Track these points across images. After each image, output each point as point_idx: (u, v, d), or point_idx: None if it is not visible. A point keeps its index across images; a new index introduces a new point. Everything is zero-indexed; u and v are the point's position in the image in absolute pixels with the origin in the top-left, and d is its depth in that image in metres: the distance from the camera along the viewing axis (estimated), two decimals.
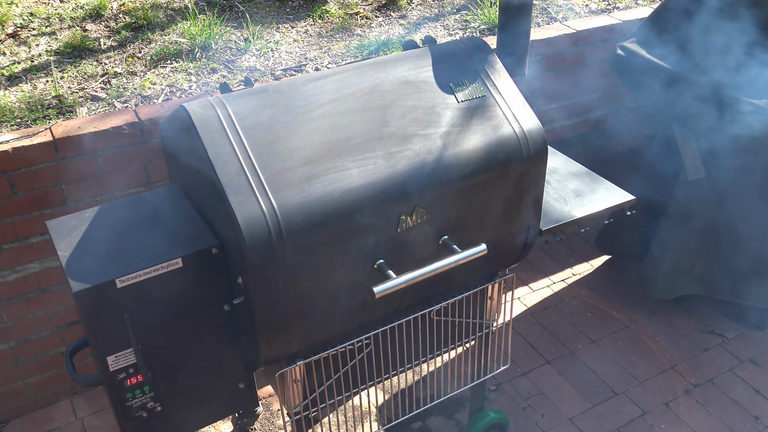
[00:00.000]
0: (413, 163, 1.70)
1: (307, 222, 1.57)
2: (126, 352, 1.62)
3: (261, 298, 1.59)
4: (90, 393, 2.81)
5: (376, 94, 1.77)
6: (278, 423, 2.69)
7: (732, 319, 3.15)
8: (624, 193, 2.16)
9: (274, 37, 3.33)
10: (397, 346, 2.00)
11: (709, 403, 2.78)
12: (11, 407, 2.70)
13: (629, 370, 2.92)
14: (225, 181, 1.54)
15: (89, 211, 1.74)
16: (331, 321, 1.76)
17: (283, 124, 1.66)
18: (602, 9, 3.65)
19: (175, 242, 1.62)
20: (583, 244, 3.61)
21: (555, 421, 2.70)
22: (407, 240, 1.73)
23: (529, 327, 3.13)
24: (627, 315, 3.19)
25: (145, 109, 2.52)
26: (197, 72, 3.00)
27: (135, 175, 2.52)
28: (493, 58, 1.91)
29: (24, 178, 2.34)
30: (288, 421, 1.95)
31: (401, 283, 1.66)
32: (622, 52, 2.87)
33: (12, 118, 2.61)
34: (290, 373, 1.83)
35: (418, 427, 2.67)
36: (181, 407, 1.76)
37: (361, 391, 2.03)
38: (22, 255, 2.46)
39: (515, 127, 1.83)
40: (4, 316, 2.52)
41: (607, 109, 3.63)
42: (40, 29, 3.29)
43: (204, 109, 1.64)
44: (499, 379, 2.88)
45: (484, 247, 1.76)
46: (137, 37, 3.25)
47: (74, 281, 1.51)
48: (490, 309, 2.16)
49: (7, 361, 2.61)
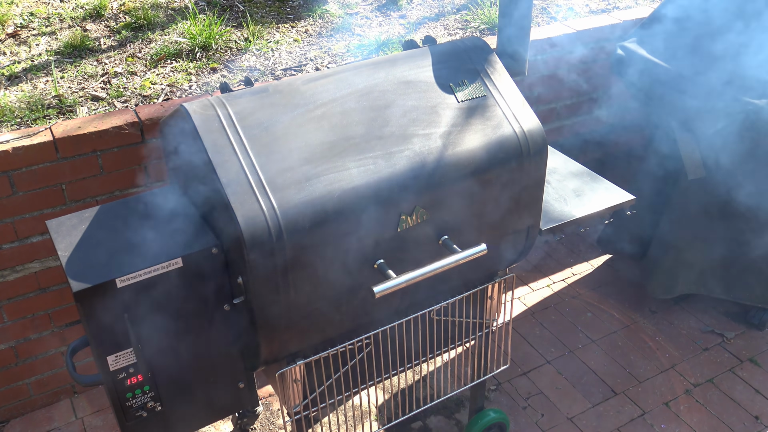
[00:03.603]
0: (413, 163, 1.70)
1: (307, 222, 1.57)
2: (126, 352, 1.61)
3: (261, 298, 1.59)
4: (90, 393, 2.81)
5: (376, 94, 1.77)
6: (278, 423, 2.69)
7: (732, 319, 3.15)
8: (624, 192, 2.16)
9: (274, 36, 3.33)
10: (397, 346, 2.00)
11: (709, 403, 2.78)
12: (11, 407, 2.70)
13: (629, 370, 2.92)
14: (225, 181, 1.54)
15: (89, 211, 1.74)
16: (331, 321, 1.76)
17: (283, 124, 1.66)
18: (602, 9, 3.65)
19: (175, 242, 1.62)
20: (583, 244, 3.61)
21: (555, 421, 2.70)
22: (407, 240, 1.73)
23: (529, 327, 3.13)
24: (627, 315, 3.19)
25: (145, 109, 2.52)
26: (197, 72, 3.00)
27: (135, 175, 2.52)
28: (493, 58, 1.91)
29: (24, 178, 2.34)
30: (288, 420, 1.95)
31: (401, 283, 1.66)
32: (622, 52, 2.87)
33: (12, 117, 2.61)
34: (290, 373, 1.83)
35: (418, 427, 2.67)
36: (181, 407, 1.76)
37: (361, 391, 2.03)
38: (22, 255, 2.46)
39: (515, 126, 1.83)
40: (4, 316, 2.52)
41: (607, 109, 3.63)
42: (40, 29, 3.29)
43: (204, 109, 1.64)
44: (499, 379, 2.88)
45: (484, 247, 1.76)
46: (137, 36, 3.25)
47: (74, 281, 1.51)
48: (490, 309, 2.16)
49: (7, 361, 2.61)
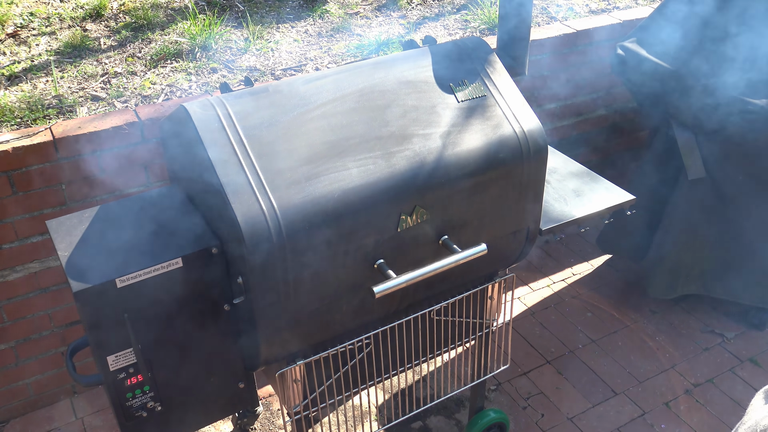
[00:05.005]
0: (413, 163, 1.69)
1: (307, 222, 1.57)
2: (126, 352, 1.61)
3: (261, 298, 1.59)
4: (90, 393, 2.81)
5: (376, 94, 1.77)
6: (278, 423, 2.69)
7: (732, 319, 3.15)
8: (624, 192, 2.16)
9: (274, 36, 3.33)
10: (397, 346, 2.00)
11: (709, 403, 2.78)
12: (11, 407, 2.70)
13: (629, 370, 2.92)
14: (225, 181, 1.54)
15: (89, 211, 1.74)
16: (331, 321, 1.76)
17: (283, 124, 1.66)
18: (602, 9, 3.65)
19: (175, 242, 1.62)
20: (583, 244, 3.61)
21: (555, 421, 2.70)
22: (407, 240, 1.73)
23: (529, 327, 3.13)
24: (627, 315, 3.19)
25: (145, 109, 2.52)
26: (197, 72, 3.00)
27: (135, 175, 2.52)
28: (493, 58, 1.91)
29: (24, 178, 2.34)
30: (288, 420, 1.95)
31: (401, 283, 1.66)
32: (622, 52, 2.87)
33: (12, 117, 2.61)
34: (290, 373, 1.83)
35: (418, 427, 2.67)
36: (181, 407, 1.76)
37: (361, 391, 2.03)
38: (22, 255, 2.46)
39: (515, 126, 1.83)
40: (4, 316, 2.52)
41: (607, 109, 3.63)
42: (40, 29, 3.29)
43: (204, 109, 1.64)
44: (499, 379, 2.88)
45: (484, 247, 1.76)
46: (137, 36, 3.25)
47: (74, 281, 1.51)
48: (490, 309, 2.16)
49: (7, 361, 2.61)
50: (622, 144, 3.77)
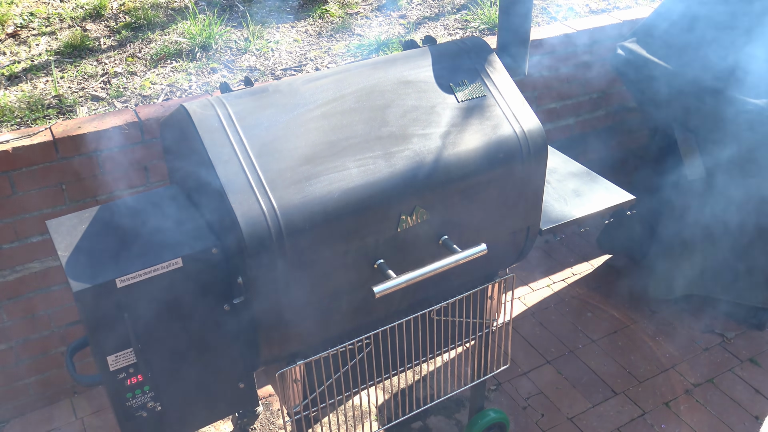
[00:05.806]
0: (413, 163, 1.69)
1: (307, 222, 1.57)
2: (126, 352, 1.61)
3: (261, 298, 1.59)
4: (90, 393, 2.81)
5: (376, 94, 1.77)
6: (278, 423, 2.69)
7: (732, 319, 3.15)
8: (624, 192, 2.16)
9: (274, 36, 3.33)
10: (397, 346, 2.00)
11: (709, 402, 2.78)
12: (11, 407, 2.70)
13: (629, 370, 2.92)
14: (225, 181, 1.54)
15: (89, 211, 1.74)
16: (332, 321, 1.76)
17: (283, 124, 1.66)
18: (602, 9, 3.65)
19: (175, 242, 1.62)
20: (583, 244, 3.61)
21: (555, 421, 2.70)
22: (407, 240, 1.73)
23: (529, 327, 3.13)
24: (627, 315, 3.19)
25: (145, 109, 2.52)
26: (197, 72, 3.00)
27: (135, 175, 2.52)
28: (493, 58, 1.91)
29: (24, 178, 2.34)
30: (288, 420, 1.95)
31: (401, 283, 1.66)
32: (622, 52, 2.87)
33: (12, 117, 2.61)
34: (290, 373, 1.83)
35: (418, 427, 2.67)
36: (181, 407, 1.76)
37: (361, 391, 2.03)
38: (22, 255, 2.46)
39: (515, 126, 1.83)
40: (4, 316, 2.52)
41: (607, 109, 3.63)
42: (40, 29, 3.29)
43: (204, 109, 1.64)
44: (499, 379, 2.88)
45: (484, 247, 1.76)
46: (137, 36, 3.25)
47: (74, 281, 1.51)
48: (490, 309, 2.16)
49: (7, 361, 2.61)
50: (622, 144, 3.77)
